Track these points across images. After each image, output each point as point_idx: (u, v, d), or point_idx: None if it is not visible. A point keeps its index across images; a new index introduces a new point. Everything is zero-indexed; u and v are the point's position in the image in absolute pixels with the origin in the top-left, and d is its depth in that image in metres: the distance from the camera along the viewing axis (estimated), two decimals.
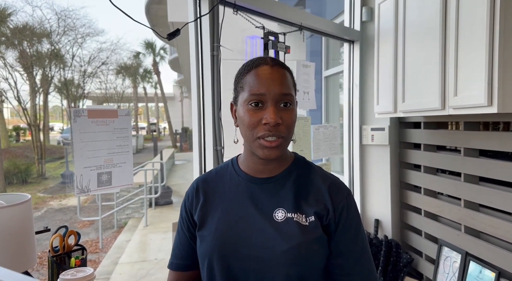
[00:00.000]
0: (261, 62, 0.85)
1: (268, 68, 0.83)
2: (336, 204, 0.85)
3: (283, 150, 0.84)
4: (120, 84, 24.03)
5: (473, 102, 1.43)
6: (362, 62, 2.52)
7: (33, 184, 12.01)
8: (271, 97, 0.81)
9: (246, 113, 0.82)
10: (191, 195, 0.95)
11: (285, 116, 0.82)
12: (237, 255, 0.82)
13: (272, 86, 0.81)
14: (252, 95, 0.81)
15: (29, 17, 21.26)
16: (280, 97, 0.81)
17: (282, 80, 0.82)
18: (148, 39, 27.16)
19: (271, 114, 0.79)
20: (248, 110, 0.82)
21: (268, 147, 0.81)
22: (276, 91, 0.81)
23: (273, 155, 0.82)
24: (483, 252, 1.73)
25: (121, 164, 1.32)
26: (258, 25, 1.81)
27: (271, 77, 0.82)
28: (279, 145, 0.81)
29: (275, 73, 0.82)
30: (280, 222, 0.83)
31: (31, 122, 14.65)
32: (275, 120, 0.79)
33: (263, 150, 0.81)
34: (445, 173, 2.05)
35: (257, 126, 0.81)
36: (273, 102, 0.81)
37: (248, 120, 0.82)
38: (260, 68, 0.83)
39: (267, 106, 0.81)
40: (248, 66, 0.86)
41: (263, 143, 0.81)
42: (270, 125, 0.79)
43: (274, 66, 0.84)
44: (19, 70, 15.11)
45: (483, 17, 1.35)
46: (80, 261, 1.15)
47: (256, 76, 0.82)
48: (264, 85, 0.81)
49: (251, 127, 0.82)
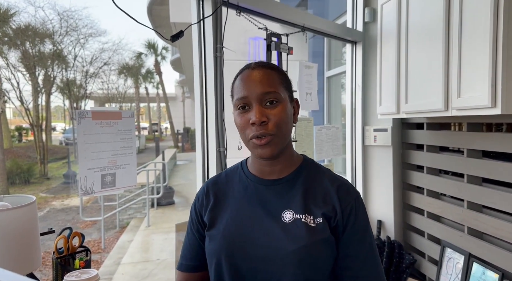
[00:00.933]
0: (245, 68, 0.90)
1: (249, 72, 0.87)
2: (344, 206, 0.85)
3: (277, 147, 0.84)
4: (122, 84, 24.13)
5: (476, 103, 1.42)
6: (364, 63, 2.52)
7: (35, 184, 12.05)
8: (254, 98, 0.83)
9: (237, 117, 0.87)
10: (201, 197, 0.96)
11: (272, 114, 0.83)
12: (244, 255, 0.83)
13: (253, 87, 0.84)
14: (238, 100, 0.86)
15: (31, 17, 21.37)
16: (262, 96, 0.83)
17: (262, 80, 0.85)
18: (150, 40, 27.13)
19: (256, 114, 0.82)
20: (238, 114, 0.86)
21: (259, 145, 0.83)
22: (258, 91, 0.83)
23: (266, 153, 0.83)
24: (486, 253, 1.72)
25: (124, 165, 1.33)
26: (261, 26, 1.82)
27: (252, 79, 0.85)
28: (269, 142, 0.83)
29: (255, 74, 0.86)
30: (288, 223, 0.83)
31: (33, 123, 14.70)
32: (259, 119, 0.81)
33: (256, 149, 0.84)
34: (448, 174, 2.05)
35: (247, 128, 0.84)
36: (257, 102, 0.83)
37: (239, 123, 0.86)
38: (243, 73, 0.88)
39: (252, 107, 0.84)
40: (236, 74, 0.90)
41: (255, 142, 0.83)
42: (257, 125, 0.82)
43: (255, 68, 0.87)
44: (21, 70, 15.17)
45: (487, 17, 1.35)
46: (84, 263, 1.15)
47: (240, 81, 0.87)
48: (245, 88, 0.85)
49: (243, 130, 0.85)
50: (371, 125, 2.50)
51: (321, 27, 2.19)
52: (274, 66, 0.90)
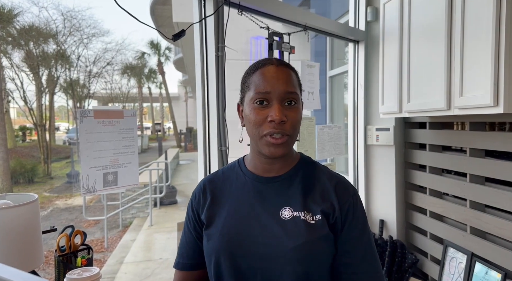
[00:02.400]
0: (266, 63, 0.87)
1: (273, 68, 0.85)
2: (342, 202, 0.86)
3: (289, 147, 0.85)
4: (125, 84, 24.18)
5: (479, 102, 1.42)
6: (367, 62, 2.52)
7: (39, 184, 12.11)
8: (276, 95, 0.82)
9: (252, 112, 0.84)
10: (198, 195, 0.95)
11: (290, 115, 0.83)
12: (244, 253, 0.83)
13: (277, 84, 0.83)
14: (257, 94, 0.83)
15: (35, 17, 21.45)
16: (285, 95, 0.83)
17: (287, 79, 0.84)
18: (153, 40, 27.19)
19: (276, 112, 0.81)
20: (254, 109, 0.84)
21: (274, 144, 0.82)
22: (281, 89, 0.82)
23: (278, 152, 0.83)
24: (489, 253, 1.72)
25: (126, 164, 1.33)
26: (263, 25, 1.82)
27: (276, 76, 0.84)
28: (284, 142, 0.82)
29: (280, 72, 0.85)
30: (286, 220, 0.83)
31: (37, 122, 14.77)
32: (280, 118, 0.80)
33: (269, 147, 0.83)
34: (450, 173, 2.04)
35: (262, 124, 0.83)
36: (278, 100, 0.82)
37: (254, 118, 0.83)
38: (266, 68, 0.86)
39: (272, 104, 0.82)
40: (254, 67, 0.88)
41: (269, 140, 0.82)
42: (275, 123, 0.81)
43: (279, 66, 0.86)
44: (25, 70, 15.25)
45: (489, 17, 1.35)
46: (86, 261, 1.16)
47: (261, 75, 0.85)
48: (269, 83, 0.83)
49: (257, 125, 0.83)
50: (374, 125, 2.50)
51: (323, 26, 2.19)
52: (293, 67, 0.91)
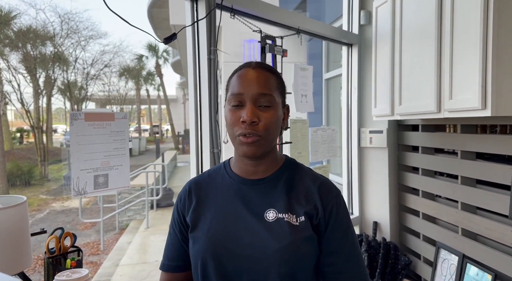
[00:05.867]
0: (245, 66, 0.89)
1: (249, 70, 0.87)
2: (325, 203, 0.87)
3: (262, 148, 0.85)
4: (123, 86, 24.16)
5: (467, 105, 1.43)
6: (360, 65, 2.53)
7: (36, 186, 12.06)
8: (249, 97, 0.84)
9: (228, 113, 0.87)
10: (183, 197, 0.96)
11: (263, 116, 0.84)
12: (230, 255, 0.83)
13: (250, 86, 0.84)
14: (232, 95, 0.86)
15: (32, 20, 21.34)
16: (258, 96, 0.84)
17: (261, 81, 0.85)
18: (151, 42, 27.20)
19: (248, 113, 0.83)
20: (230, 110, 0.86)
21: (245, 143, 0.83)
22: (254, 91, 0.84)
23: (250, 151, 0.84)
24: (479, 254, 1.73)
25: (117, 166, 1.34)
26: (256, 29, 1.83)
27: (250, 78, 0.85)
28: (255, 142, 0.83)
29: (255, 74, 0.86)
30: (271, 222, 0.84)
31: (34, 125, 14.73)
32: (250, 118, 0.82)
33: (242, 146, 0.84)
34: (442, 176, 2.06)
35: (236, 125, 0.85)
36: (251, 102, 0.84)
37: (229, 119, 0.86)
38: (242, 71, 0.88)
39: (246, 106, 0.84)
40: (235, 70, 0.90)
41: (241, 139, 0.84)
42: (246, 123, 0.82)
43: (255, 68, 0.88)
44: (22, 72, 15.23)
45: (477, 21, 1.36)
46: (76, 263, 1.16)
47: (238, 78, 0.87)
48: (242, 85, 0.85)
49: (232, 126, 0.86)
50: (367, 127, 2.51)
51: (316, 30, 2.21)
52: (273, 69, 0.92)
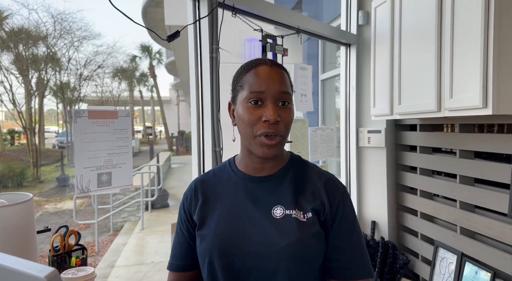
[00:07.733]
0: (260, 62, 0.88)
1: (267, 68, 0.86)
2: (332, 199, 0.87)
3: (281, 148, 0.86)
4: (116, 87, 23.94)
5: (468, 104, 1.45)
6: (358, 65, 2.55)
7: (28, 188, 11.93)
8: (271, 95, 0.83)
9: (245, 111, 0.84)
10: (189, 196, 0.95)
11: (284, 115, 0.84)
12: (237, 252, 0.83)
13: (271, 84, 0.83)
14: (252, 93, 0.83)
15: (25, 20, 21.11)
16: (279, 95, 0.83)
17: (281, 79, 0.85)
18: (145, 43, 27.07)
19: (271, 112, 0.81)
20: (248, 108, 0.83)
21: (267, 145, 0.82)
22: (276, 90, 0.83)
23: (271, 153, 0.83)
24: (478, 253, 1.75)
25: (120, 164, 1.33)
26: (257, 28, 1.83)
27: (270, 76, 0.84)
28: (278, 143, 0.83)
29: (274, 72, 0.85)
30: (279, 218, 0.84)
31: (26, 126, 14.57)
32: (274, 118, 0.81)
33: (262, 147, 0.83)
34: (441, 175, 2.08)
35: (256, 124, 0.83)
36: (272, 100, 0.83)
37: (247, 118, 0.83)
38: (260, 68, 0.86)
39: (267, 104, 0.83)
40: (248, 66, 0.88)
41: (263, 140, 0.82)
42: (270, 123, 0.81)
43: (273, 66, 0.87)
44: (14, 73, 15.05)
45: (478, 19, 1.38)
46: (80, 261, 1.16)
47: (256, 75, 0.85)
48: (263, 83, 0.83)
49: (251, 125, 0.83)
50: (365, 127, 2.53)
51: (315, 29, 2.22)
52: (285, 68, 0.91)
